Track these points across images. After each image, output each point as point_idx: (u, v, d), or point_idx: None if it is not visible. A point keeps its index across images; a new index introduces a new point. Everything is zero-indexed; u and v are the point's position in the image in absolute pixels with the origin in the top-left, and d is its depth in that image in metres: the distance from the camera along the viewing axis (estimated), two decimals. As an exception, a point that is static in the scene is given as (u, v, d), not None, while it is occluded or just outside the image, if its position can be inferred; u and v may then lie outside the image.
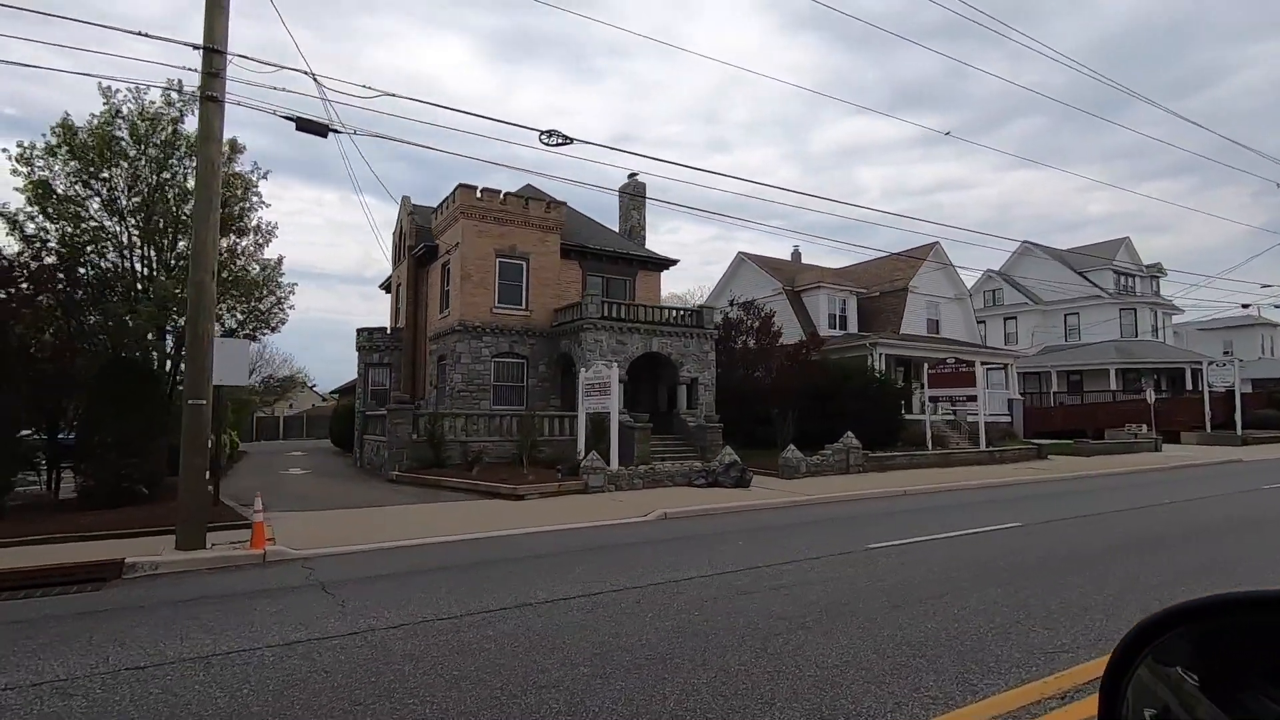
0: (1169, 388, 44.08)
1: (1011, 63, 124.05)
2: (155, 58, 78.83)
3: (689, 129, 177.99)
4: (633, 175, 31.36)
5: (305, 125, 10.94)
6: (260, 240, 15.21)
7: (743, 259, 39.42)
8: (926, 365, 27.17)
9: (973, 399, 25.66)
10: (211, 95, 10.42)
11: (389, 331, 29.28)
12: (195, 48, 10.36)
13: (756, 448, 25.39)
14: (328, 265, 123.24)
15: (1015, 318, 49.49)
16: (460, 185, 24.31)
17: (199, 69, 10.43)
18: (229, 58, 10.57)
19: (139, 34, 10.05)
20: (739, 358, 27.15)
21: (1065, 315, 48.61)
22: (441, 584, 7.76)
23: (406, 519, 13.03)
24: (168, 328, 14.53)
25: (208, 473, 10.15)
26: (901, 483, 18.04)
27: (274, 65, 10.80)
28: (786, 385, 25.39)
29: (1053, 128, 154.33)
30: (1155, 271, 49.31)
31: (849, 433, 20.94)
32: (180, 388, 14.09)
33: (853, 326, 35.10)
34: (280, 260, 17.06)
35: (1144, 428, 33.98)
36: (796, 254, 41.88)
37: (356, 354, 29.02)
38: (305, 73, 11.01)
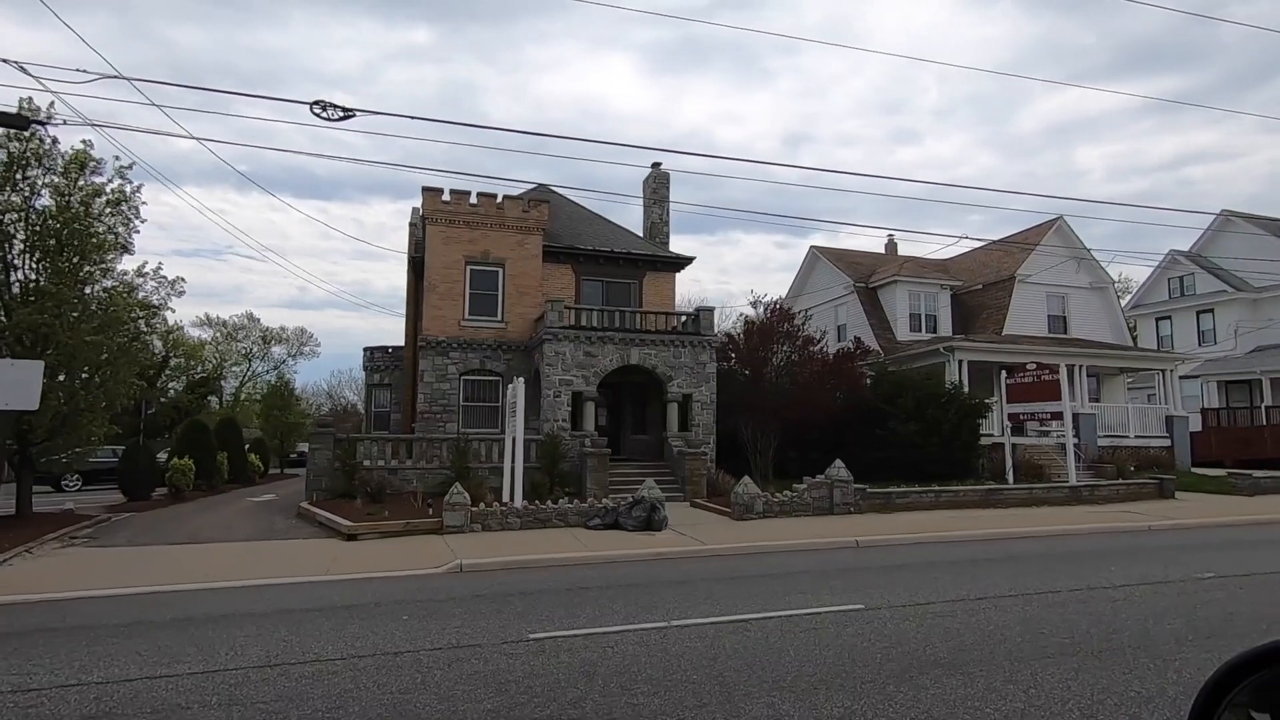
0: None
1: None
2: None
3: (868, 122, 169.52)
4: (656, 165, 29.36)
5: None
6: (100, 262, 15.20)
7: (816, 255, 35.75)
8: (1004, 374, 22.57)
9: (1057, 416, 20.81)
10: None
11: (389, 350, 29.39)
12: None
13: (777, 478, 22.38)
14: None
15: (1211, 310, 40.86)
16: (425, 188, 23.79)
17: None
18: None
19: None
20: (760, 370, 24.07)
21: (1287, 304, 39.43)
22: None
23: (190, 561, 12.30)
24: None
25: None
26: (883, 530, 14.72)
27: (-39, 56, 10.47)
28: (803, 402, 22.11)
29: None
30: None
31: (838, 461, 17.54)
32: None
33: (945, 328, 30.43)
34: (177, 280, 17.16)
35: (1373, 455, 26.26)
36: (891, 245, 37.35)
37: (363, 374, 29.44)
38: (7, 61, 10.59)
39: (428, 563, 11.67)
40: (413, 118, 12.67)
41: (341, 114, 12.08)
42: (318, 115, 11.96)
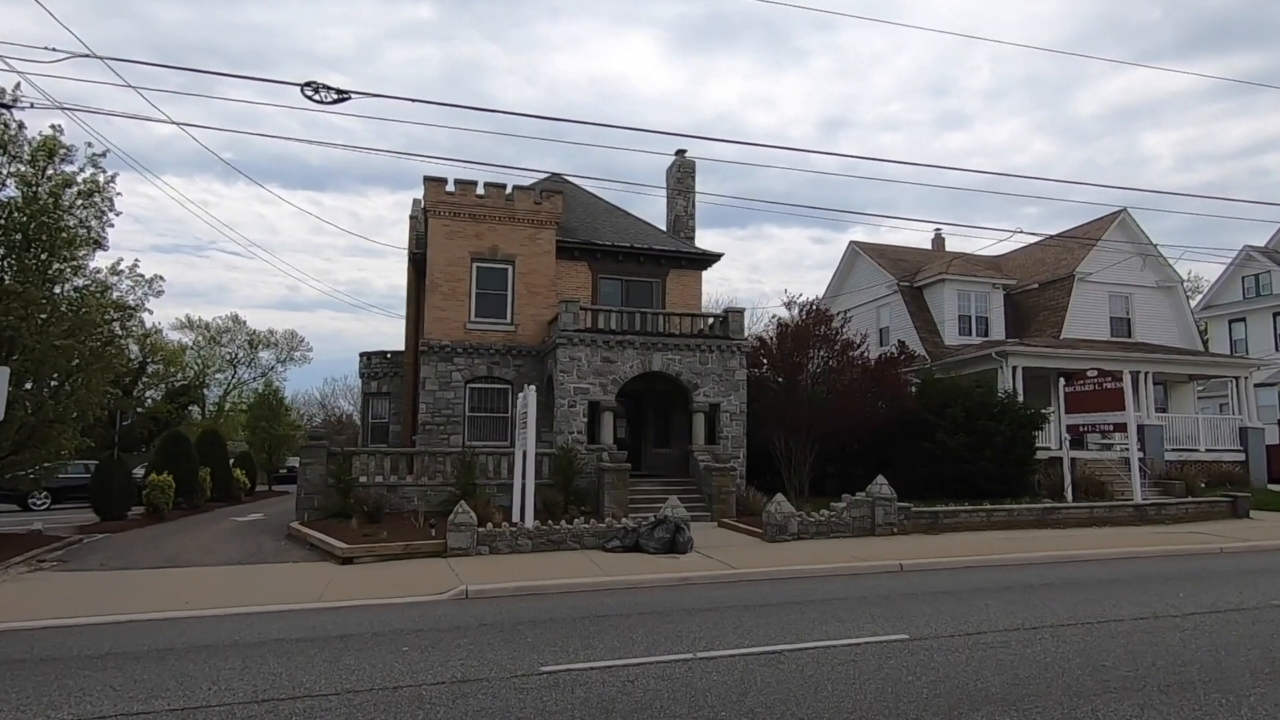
0: None
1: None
2: None
3: (913, 105, 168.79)
4: (680, 152, 29.38)
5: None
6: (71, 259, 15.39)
7: (856, 251, 35.61)
8: (1062, 382, 22.32)
9: (1120, 428, 20.59)
10: None
11: (388, 356, 29.57)
12: None
13: (814, 495, 22.25)
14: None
15: (1290, 311, 40.23)
16: (426, 178, 23.98)
17: None
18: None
19: None
20: (794, 377, 23.93)
21: (1377, 304, 38.80)
22: None
23: (169, 587, 12.45)
24: None
25: None
26: (929, 552, 14.72)
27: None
28: (842, 413, 21.95)
29: None
30: None
31: (880, 478, 17.43)
32: None
33: (997, 331, 30.18)
34: (155, 279, 17.37)
35: None
36: (938, 240, 37.14)
37: (360, 382, 29.65)
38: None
39: (430, 588, 11.73)
40: (414, 100, 12.77)
41: (336, 97, 12.23)
42: (310, 98, 12.12)
